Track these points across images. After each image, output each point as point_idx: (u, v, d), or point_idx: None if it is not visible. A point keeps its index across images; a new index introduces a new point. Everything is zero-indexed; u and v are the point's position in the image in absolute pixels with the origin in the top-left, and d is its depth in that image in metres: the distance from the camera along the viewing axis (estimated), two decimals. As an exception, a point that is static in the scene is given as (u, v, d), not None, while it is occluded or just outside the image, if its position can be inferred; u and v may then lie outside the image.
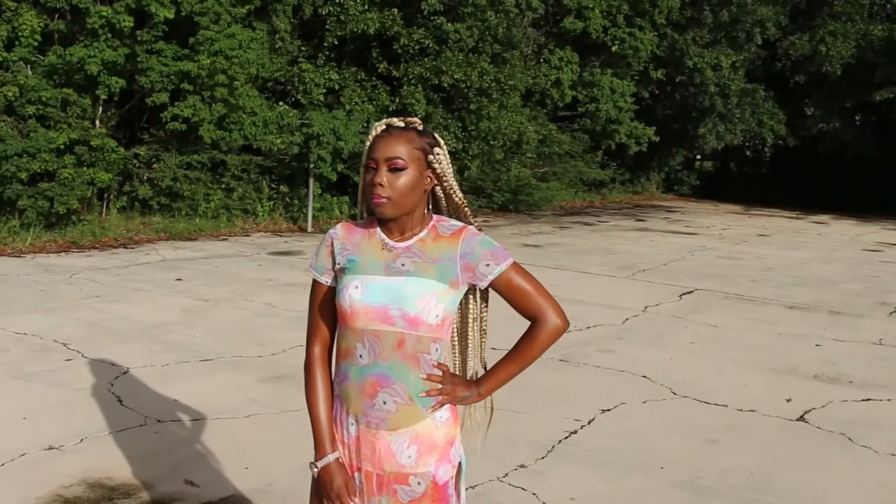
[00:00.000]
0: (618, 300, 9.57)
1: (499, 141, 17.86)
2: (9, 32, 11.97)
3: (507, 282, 2.27)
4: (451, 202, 2.36)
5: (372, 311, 2.20)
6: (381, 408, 2.23)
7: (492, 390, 2.35)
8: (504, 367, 2.34)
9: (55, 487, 4.22)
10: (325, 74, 15.75)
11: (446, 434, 2.28)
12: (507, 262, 2.27)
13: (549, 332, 2.32)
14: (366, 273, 2.25)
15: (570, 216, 19.83)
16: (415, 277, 2.21)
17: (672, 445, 5.11)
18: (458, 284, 2.25)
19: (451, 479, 2.28)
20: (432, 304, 2.19)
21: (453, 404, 2.31)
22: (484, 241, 2.27)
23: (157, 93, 12.56)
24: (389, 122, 2.25)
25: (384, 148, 2.20)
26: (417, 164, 2.22)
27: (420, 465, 2.24)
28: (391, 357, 2.21)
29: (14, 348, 6.67)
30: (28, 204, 11.58)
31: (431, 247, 2.26)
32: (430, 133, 2.30)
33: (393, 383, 2.21)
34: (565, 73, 21.24)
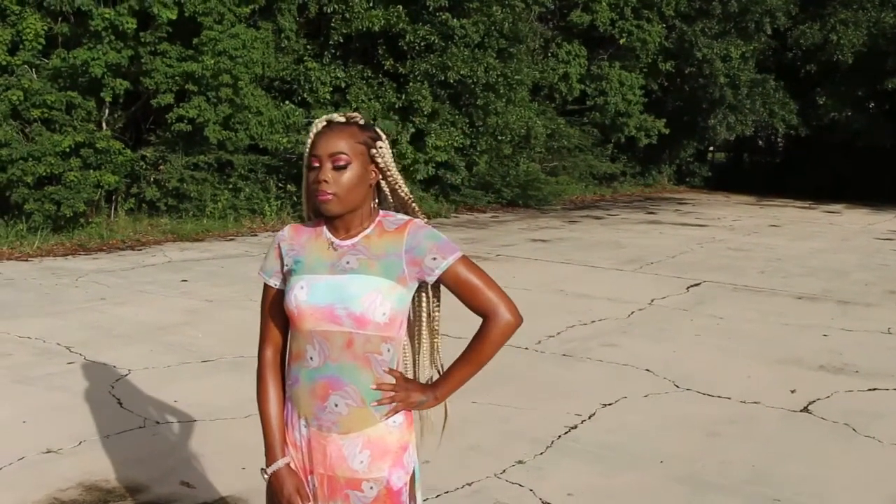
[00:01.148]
0: (624, 294, 9.52)
1: (507, 136, 17.83)
2: (13, 36, 11.99)
3: (455, 276, 2.21)
4: (396, 197, 2.31)
5: (318, 311, 2.16)
6: (332, 410, 2.19)
7: (448, 394, 2.30)
8: (458, 370, 2.28)
9: (52, 491, 4.23)
10: (332, 73, 15.75)
11: (399, 439, 2.24)
12: (454, 255, 2.21)
13: (500, 329, 2.24)
14: (311, 273, 2.22)
15: (579, 210, 19.76)
16: (358, 275, 2.17)
17: (672, 439, 5.07)
18: (405, 280, 2.19)
19: (405, 485, 2.24)
20: (378, 301, 2.14)
21: (409, 410, 2.27)
22: (430, 235, 2.22)
23: (161, 94, 12.57)
24: (330, 119, 2.22)
25: (326, 144, 2.16)
26: (361, 158, 2.19)
27: (373, 471, 2.20)
28: (341, 358, 2.17)
29: (17, 352, 6.69)
30: (35, 207, 11.62)
31: (376, 243, 2.21)
32: (372, 127, 2.26)
33: (344, 385, 2.18)
34: (573, 67, 21.16)
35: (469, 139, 17.31)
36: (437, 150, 16.44)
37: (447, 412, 2.36)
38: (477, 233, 14.85)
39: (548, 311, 8.58)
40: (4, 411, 5.35)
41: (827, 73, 24.90)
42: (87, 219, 12.47)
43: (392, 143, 15.67)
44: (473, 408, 5.60)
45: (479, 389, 5.90)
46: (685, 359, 6.91)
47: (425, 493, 4.17)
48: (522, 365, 6.65)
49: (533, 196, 19.66)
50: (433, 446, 2.40)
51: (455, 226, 15.81)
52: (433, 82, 16.23)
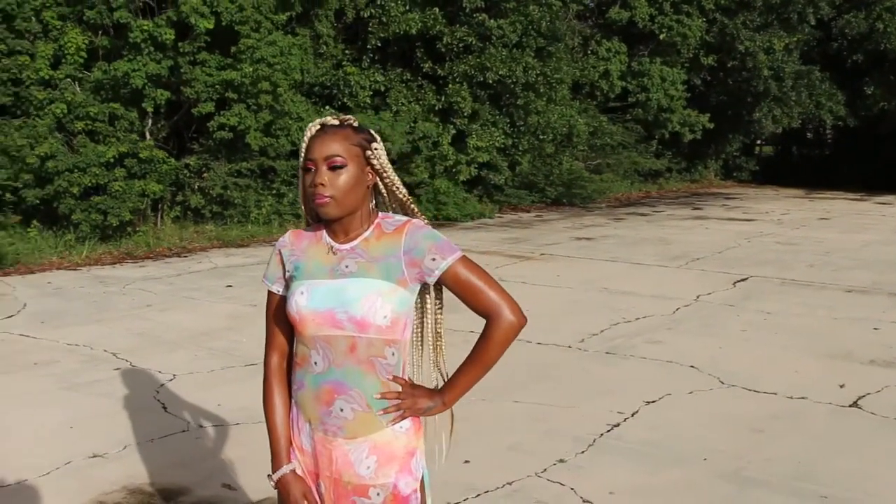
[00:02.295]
0: (669, 290, 9.42)
1: (548, 135, 17.75)
2: (55, 50, 12.19)
3: (456, 277, 2.16)
4: (394, 198, 2.28)
5: (319, 316, 2.14)
6: (338, 415, 2.17)
7: (456, 399, 2.25)
8: (464, 373, 2.23)
9: (97, 494, 4.28)
10: (371, 77, 15.79)
11: (406, 444, 2.21)
12: (454, 255, 2.16)
13: (503, 330, 2.18)
14: (311, 278, 2.20)
15: (625, 208, 19.61)
16: (358, 278, 2.15)
17: (717, 436, 4.99)
18: (406, 282, 2.16)
19: (413, 492, 2.21)
20: (378, 304, 2.11)
21: (417, 416, 2.24)
22: (429, 235, 2.18)
23: (202, 103, 12.69)
24: (324, 122, 2.20)
25: (321, 147, 2.14)
26: (356, 160, 2.16)
27: (380, 477, 2.18)
28: (345, 363, 2.15)
29: (65, 360, 6.79)
30: (82, 218, 11.80)
31: (375, 245, 2.19)
32: (367, 129, 2.24)
33: (349, 390, 2.15)
34: (614, 64, 21.02)
35: (511, 139, 17.26)
36: (479, 150, 16.42)
37: (453, 417, 2.32)
38: (521, 232, 14.80)
39: (591, 309, 8.52)
40: (53, 417, 5.43)
41: (874, 62, 24.41)
42: (134, 227, 12.65)
43: (433, 144, 15.80)
44: (515, 407, 5.58)
45: (521, 388, 5.91)
46: (731, 355, 6.80)
47: (464, 493, 4.19)
48: (565, 363, 6.61)
49: (577, 194, 19.58)
50: (443, 451, 2.35)
51: (499, 226, 15.78)
52: (472, 83, 16.21)
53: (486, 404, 5.62)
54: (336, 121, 2.20)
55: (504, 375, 6.21)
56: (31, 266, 10.74)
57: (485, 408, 5.56)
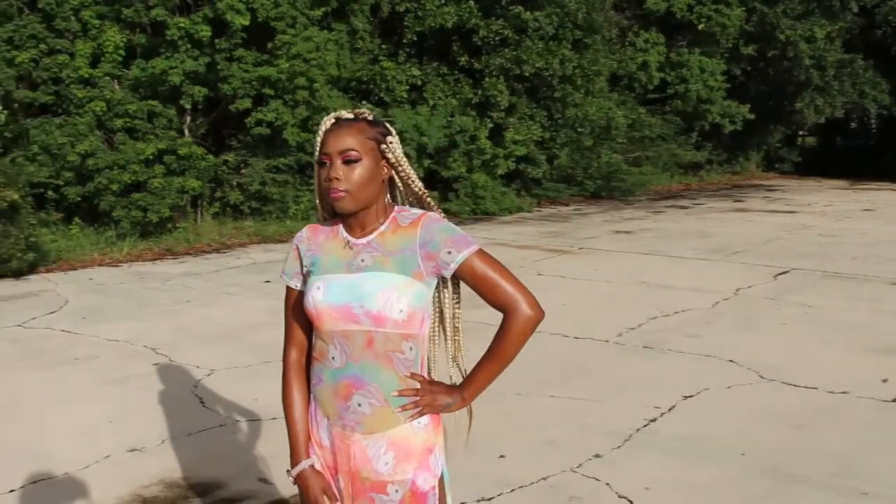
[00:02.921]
0: (709, 283, 9.32)
1: (587, 128, 17.64)
2: (94, 49, 12.32)
3: (472, 270, 2.14)
4: (410, 191, 2.27)
5: (335, 310, 2.13)
6: (356, 410, 2.16)
7: (475, 395, 2.23)
8: (483, 369, 2.21)
9: (135, 487, 4.33)
10: (407, 71, 15.77)
11: (424, 441, 2.19)
12: (470, 248, 2.14)
13: (521, 324, 2.16)
14: (328, 273, 2.19)
15: (664, 200, 19.43)
16: (373, 272, 2.13)
17: (755, 431, 4.93)
18: (422, 276, 2.14)
19: (431, 488, 2.19)
20: (394, 298, 2.10)
21: (436, 413, 2.22)
22: (445, 228, 2.16)
23: (239, 99, 12.77)
24: (338, 115, 2.19)
25: (336, 141, 2.13)
26: (371, 154, 2.15)
27: (398, 473, 2.16)
28: (362, 357, 2.13)
29: (105, 355, 6.87)
30: (122, 214, 11.93)
31: (391, 239, 2.17)
32: (382, 122, 2.23)
33: (367, 385, 2.14)
34: (652, 55, 20.83)
35: (548, 132, 17.18)
36: (517, 144, 16.36)
37: (472, 413, 2.29)
38: (559, 226, 14.73)
39: (629, 303, 8.46)
40: (93, 412, 5.50)
41: (920, 49, 23.98)
42: (174, 224, 12.76)
43: (471, 138, 15.76)
44: (551, 401, 5.55)
45: (558, 383, 5.88)
46: (771, 349, 6.71)
47: (498, 488, 4.17)
48: (602, 358, 6.56)
49: (616, 187, 19.45)
50: (461, 447, 2.33)
51: (537, 220, 15.71)
52: (509, 76, 16.15)
53: (521, 399, 5.60)
54: (351, 114, 2.19)
55: (540, 370, 6.20)
56: (73, 263, 10.89)
57: (520, 402, 5.54)
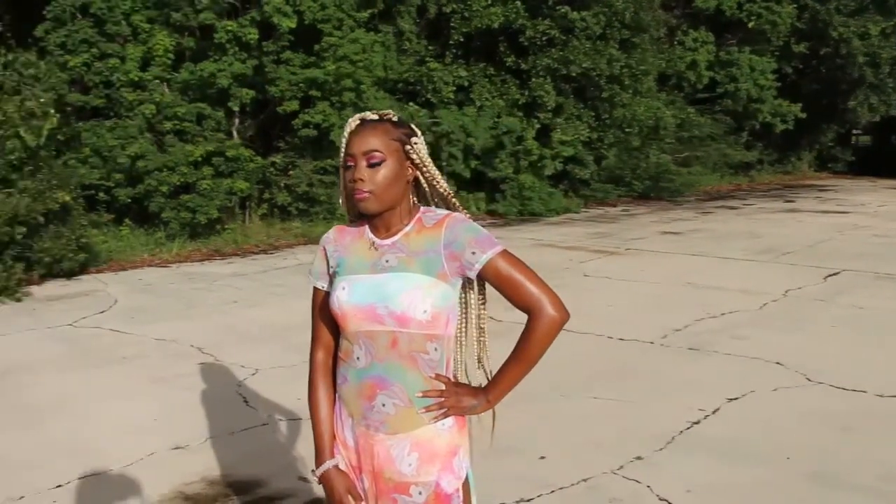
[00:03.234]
0: (757, 285, 9.19)
1: (635, 128, 17.51)
2: (144, 53, 12.50)
3: (496, 271, 2.13)
4: (435, 192, 2.26)
5: (360, 311, 2.13)
6: (380, 410, 2.16)
7: (500, 397, 2.21)
8: (508, 371, 2.19)
9: (178, 485, 4.38)
10: (454, 72, 15.79)
11: (449, 442, 2.18)
12: (494, 249, 2.13)
13: (545, 326, 2.13)
14: (353, 273, 2.19)
15: (714, 201, 19.21)
16: (398, 273, 2.13)
17: (801, 434, 4.84)
18: (446, 276, 2.13)
19: (456, 491, 2.18)
20: (418, 298, 2.09)
21: (460, 415, 2.21)
22: (469, 228, 2.14)
23: (287, 101, 12.87)
24: (363, 117, 2.19)
25: (360, 142, 2.13)
26: (396, 155, 2.14)
27: (422, 474, 2.15)
28: (387, 358, 2.13)
29: (153, 354, 6.96)
30: (171, 216, 12.10)
31: (415, 239, 2.17)
32: (407, 123, 2.22)
33: (391, 385, 2.14)
34: (701, 54, 20.60)
35: (596, 132, 17.08)
36: (564, 144, 16.29)
37: (495, 414, 2.28)
38: (607, 227, 14.63)
39: (675, 304, 8.37)
40: (139, 410, 5.58)
41: (979, 44, 23.40)
42: (222, 225, 12.91)
43: (517, 139, 15.72)
44: (594, 403, 5.51)
45: (601, 384, 5.84)
46: (819, 351, 6.60)
47: (538, 489, 4.15)
48: (646, 359, 6.50)
49: (665, 188, 19.27)
50: (485, 449, 2.32)
51: (585, 220, 15.62)
52: (556, 77, 16.08)
53: (564, 400, 5.57)
54: (375, 116, 2.19)
55: (584, 371, 6.17)
56: (123, 263, 11.06)
57: (563, 404, 5.51)
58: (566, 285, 9.35)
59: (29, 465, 4.68)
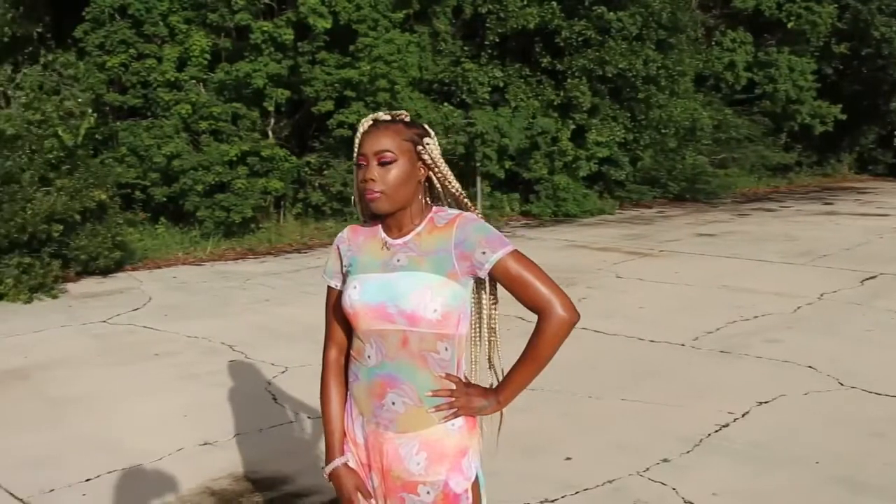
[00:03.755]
0: (792, 288, 9.07)
1: (671, 129, 17.38)
2: (181, 53, 12.64)
3: (506, 271, 2.12)
4: (447, 192, 2.26)
5: (371, 310, 2.14)
6: (389, 408, 2.16)
7: (510, 398, 2.21)
8: (518, 372, 2.18)
9: (204, 480, 4.41)
10: (489, 73, 15.76)
11: (458, 443, 2.18)
12: (505, 249, 2.12)
13: (554, 326, 2.12)
14: (364, 272, 2.20)
15: (750, 203, 19.01)
16: (408, 272, 2.14)
17: (831, 439, 4.77)
18: (457, 276, 2.13)
19: (464, 492, 2.17)
20: (428, 297, 2.09)
21: (470, 416, 2.20)
22: (480, 228, 2.14)
23: (322, 101, 12.94)
24: (376, 117, 2.20)
25: (372, 143, 2.14)
26: (407, 155, 2.15)
27: (430, 474, 2.15)
28: (397, 357, 2.14)
29: (185, 351, 7.04)
30: (206, 214, 12.21)
31: (427, 239, 2.17)
32: (419, 124, 2.23)
33: (401, 384, 2.14)
34: (739, 55, 20.40)
35: (632, 133, 16.97)
36: (599, 145, 16.20)
37: (503, 414, 2.27)
38: (641, 228, 14.54)
39: (708, 306, 8.30)
40: (169, 405, 5.64)
41: None
42: (257, 224, 13.01)
43: (552, 140, 15.67)
44: (622, 405, 5.48)
45: (630, 386, 5.80)
46: (853, 355, 6.50)
47: (562, 490, 4.14)
48: (676, 361, 6.45)
49: (701, 190, 19.10)
50: (492, 449, 2.32)
51: (619, 222, 15.54)
52: (592, 77, 16.00)
53: (592, 401, 5.55)
54: (388, 116, 2.20)
55: (613, 373, 6.14)
56: (158, 261, 11.19)
57: (591, 405, 5.49)
58: (598, 287, 9.32)
59: (59, 459, 4.75)
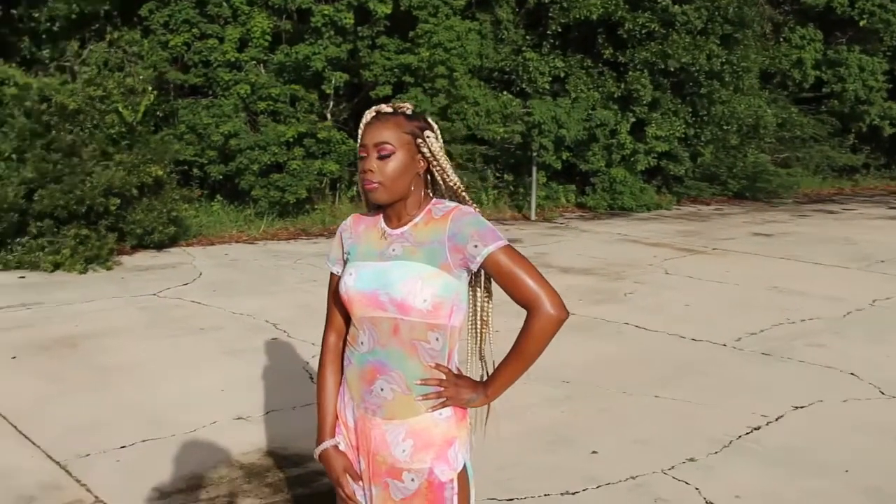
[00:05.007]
0: (844, 292, 8.90)
1: (733, 126, 17.09)
2: (242, 34, 12.79)
3: (497, 265, 2.14)
4: (446, 185, 2.29)
5: (364, 297, 2.19)
6: (378, 394, 2.20)
7: (498, 392, 2.23)
8: (506, 367, 2.20)
9: (234, 454, 4.52)
10: (550, 62, 15.66)
11: (445, 432, 2.20)
12: (497, 243, 2.14)
13: (542, 323, 2.14)
14: (361, 260, 2.25)
15: (812, 204, 18.64)
16: (401, 261, 2.18)
17: (864, 448, 4.69)
18: (449, 267, 2.16)
19: (449, 481, 2.19)
20: (418, 287, 2.13)
21: (457, 406, 2.23)
22: (473, 222, 2.17)
23: (380, 86, 13.02)
24: (378, 109, 2.23)
25: (373, 134, 2.18)
26: (407, 148, 2.19)
27: (415, 462, 2.18)
28: (389, 344, 2.18)
29: (229, 326, 7.18)
30: (261, 194, 12.38)
31: (423, 230, 2.21)
32: (421, 117, 2.26)
33: (391, 370, 2.18)
34: (807, 52, 19.96)
35: (693, 129, 16.73)
36: (658, 140, 15.99)
37: (490, 409, 2.30)
38: (696, 225, 14.38)
39: (755, 307, 8.19)
40: (208, 380, 5.77)
41: None
42: (311, 205, 13.15)
43: (611, 132, 15.54)
44: (655, 402, 5.45)
45: (665, 383, 5.77)
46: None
47: (584, 483, 4.15)
48: (715, 361, 6.39)
49: (761, 188, 18.77)
50: (479, 441, 2.33)
51: (675, 218, 15.38)
52: (654, 71, 15.80)
53: (625, 397, 5.53)
54: (390, 108, 2.23)
55: (650, 370, 6.11)
56: (212, 238, 11.39)
57: (623, 400, 5.48)
58: (646, 282, 9.26)
59: (98, 425, 4.89)
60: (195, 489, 4.10)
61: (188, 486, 4.12)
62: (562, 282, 9.14)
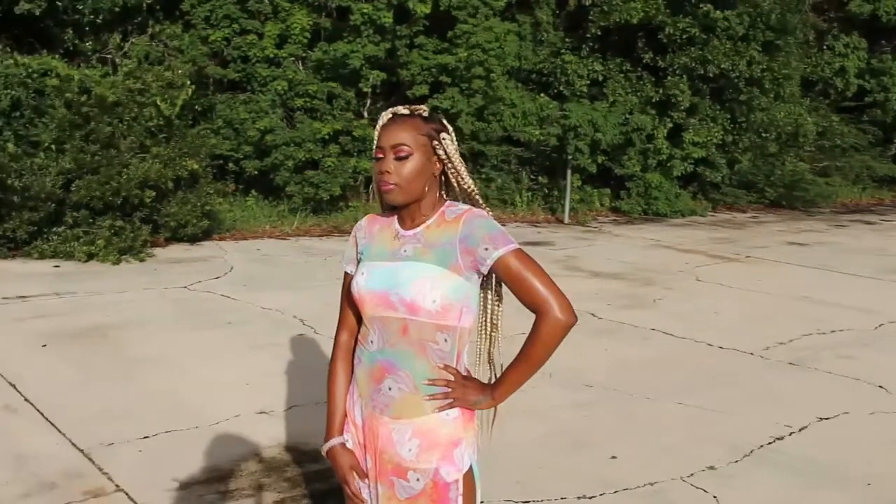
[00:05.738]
0: (877, 304, 8.78)
1: (772, 133, 16.92)
2: (281, 31, 12.87)
3: (507, 269, 2.15)
4: (460, 188, 2.30)
5: (375, 296, 2.20)
6: (385, 393, 2.22)
7: (505, 395, 2.24)
8: (513, 371, 2.22)
9: (255, 448, 4.57)
10: (589, 65, 15.60)
11: (451, 433, 2.21)
12: (507, 246, 2.15)
13: (550, 328, 2.14)
14: (374, 260, 2.27)
15: (850, 214, 18.39)
16: (412, 262, 2.19)
17: (888, 461, 4.63)
18: (460, 269, 2.17)
19: (455, 482, 2.20)
20: (427, 288, 2.14)
21: (464, 408, 2.24)
22: (485, 225, 2.18)
23: (417, 85, 13.06)
24: (395, 111, 2.25)
25: (389, 136, 2.19)
26: (423, 150, 2.20)
27: (421, 461, 2.19)
28: (398, 344, 2.19)
29: (257, 321, 7.24)
30: (295, 190, 12.46)
31: (435, 232, 2.22)
32: (438, 119, 2.27)
33: (399, 370, 2.20)
34: (851, 61, 19.69)
35: (731, 135, 16.58)
36: (695, 146, 15.86)
37: (496, 413, 2.31)
38: (730, 233, 14.26)
39: (785, 317, 8.11)
40: (233, 373, 5.82)
41: None
42: (346, 202, 13.22)
43: (647, 137, 15.45)
44: (677, 408, 5.42)
45: (689, 391, 5.74)
46: (930, 378, 6.28)
47: (602, 488, 4.14)
48: (742, 370, 6.35)
49: (799, 197, 18.56)
50: (484, 443, 2.34)
51: (709, 224, 15.26)
52: (693, 76, 15.69)
53: (648, 403, 5.51)
54: (406, 110, 2.25)
55: (675, 377, 6.09)
56: (245, 233, 11.48)
57: (646, 406, 5.45)
58: (676, 288, 9.20)
59: (122, 415, 4.96)
60: (215, 481, 4.14)
61: (208, 478, 4.17)
62: (591, 286, 9.12)
